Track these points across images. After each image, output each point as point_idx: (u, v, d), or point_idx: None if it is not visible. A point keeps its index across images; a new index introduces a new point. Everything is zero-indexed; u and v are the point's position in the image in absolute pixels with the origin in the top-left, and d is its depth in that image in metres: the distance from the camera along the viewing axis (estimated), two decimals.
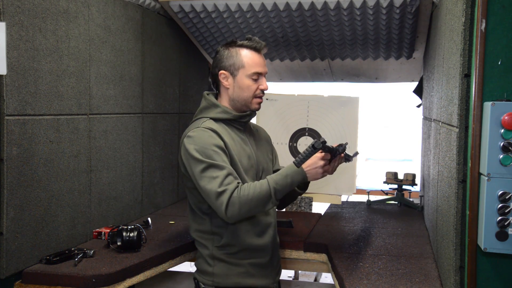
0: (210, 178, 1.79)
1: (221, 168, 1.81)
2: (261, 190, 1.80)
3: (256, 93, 1.97)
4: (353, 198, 4.05)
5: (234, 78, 1.96)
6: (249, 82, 1.95)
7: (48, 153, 2.20)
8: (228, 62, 1.96)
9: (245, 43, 1.97)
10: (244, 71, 1.95)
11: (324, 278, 4.57)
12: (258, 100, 2.00)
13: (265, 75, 2.02)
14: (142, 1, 2.93)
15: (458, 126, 1.71)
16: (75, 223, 2.40)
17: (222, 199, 1.77)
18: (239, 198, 1.77)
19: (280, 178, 1.84)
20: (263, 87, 1.98)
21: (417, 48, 3.36)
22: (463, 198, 1.70)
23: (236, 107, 1.99)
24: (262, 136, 2.19)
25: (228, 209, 1.77)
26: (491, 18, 1.59)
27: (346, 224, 2.95)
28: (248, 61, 1.95)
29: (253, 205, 1.80)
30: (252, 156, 2.01)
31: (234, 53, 1.96)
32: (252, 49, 1.97)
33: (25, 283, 2.06)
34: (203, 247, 1.99)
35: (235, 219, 1.82)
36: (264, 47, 1.99)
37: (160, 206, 3.27)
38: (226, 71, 1.97)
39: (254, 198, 1.79)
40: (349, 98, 3.40)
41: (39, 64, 2.14)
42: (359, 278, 2.04)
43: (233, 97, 1.98)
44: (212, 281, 1.96)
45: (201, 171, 1.81)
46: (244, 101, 1.97)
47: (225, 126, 1.97)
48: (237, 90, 1.96)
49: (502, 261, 1.64)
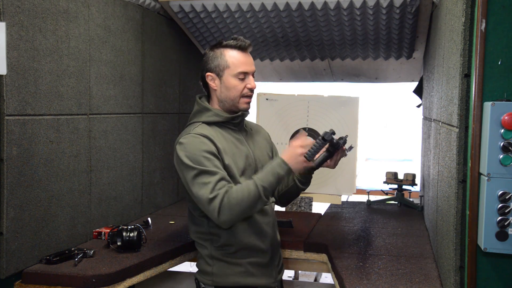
0: (202, 184, 1.80)
1: (212, 174, 1.81)
2: (249, 191, 1.80)
3: (243, 92, 1.97)
4: (353, 198, 4.05)
5: (221, 79, 1.96)
6: (235, 82, 1.95)
7: (48, 153, 2.20)
8: (213, 63, 1.96)
9: (229, 43, 1.97)
10: (230, 71, 1.95)
11: (324, 278, 4.57)
12: (246, 99, 1.99)
13: (253, 74, 2.01)
14: (142, 1, 2.93)
15: (458, 126, 1.71)
16: (75, 223, 2.40)
17: (214, 205, 1.78)
18: (229, 203, 1.78)
19: (265, 175, 1.83)
20: (251, 86, 1.97)
21: (417, 48, 3.36)
22: (463, 198, 1.70)
23: (226, 108, 2.00)
24: (259, 133, 2.18)
25: (220, 215, 1.78)
26: (491, 18, 1.59)
27: (346, 224, 2.95)
28: (233, 61, 1.95)
29: (244, 207, 1.80)
30: (250, 155, 2.01)
31: (219, 54, 1.96)
32: (237, 48, 1.96)
33: (25, 283, 2.06)
34: (202, 247, 2.00)
35: (228, 223, 1.83)
36: (249, 45, 1.99)
37: (160, 206, 3.27)
38: (212, 73, 1.97)
39: (243, 200, 1.79)
40: (349, 98, 3.40)
41: (39, 64, 2.14)
42: (359, 278, 2.04)
43: (221, 98, 1.98)
44: (211, 280, 1.97)
45: (193, 177, 1.82)
46: (232, 101, 1.97)
47: (218, 129, 1.97)
48: (224, 91, 1.96)
49: (502, 261, 1.64)
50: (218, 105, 2.00)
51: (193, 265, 4.00)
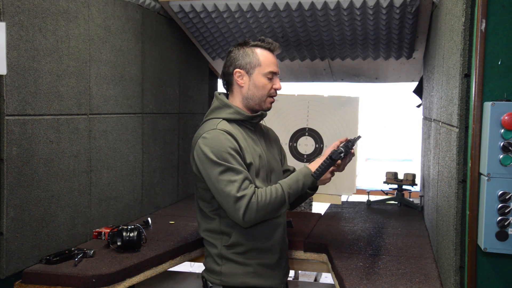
0: (228, 182, 1.80)
1: (238, 172, 1.82)
2: (276, 195, 1.85)
3: (270, 92, 2.00)
4: (353, 198, 4.05)
5: (250, 77, 1.97)
6: (265, 80, 1.97)
7: (48, 153, 2.20)
8: (244, 60, 1.97)
9: (259, 43, 1.99)
10: (260, 69, 1.97)
11: (324, 278, 4.57)
12: (271, 99, 2.03)
13: (278, 75, 2.05)
14: (142, 1, 2.93)
15: (458, 126, 1.71)
16: (75, 223, 2.40)
17: (241, 204, 1.78)
18: (257, 204, 1.80)
19: (293, 183, 1.90)
20: (277, 87, 2.01)
21: (417, 48, 3.36)
22: (463, 198, 1.70)
23: (249, 106, 2.00)
24: (271, 136, 2.20)
25: (246, 215, 1.79)
26: (491, 18, 1.59)
27: (346, 224, 2.95)
28: (264, 60, 1.97)
29: (269, 210, 1.84)
30: (263, 156, 2.01)
31: (250, 52, 1.98)
32: (267, 49, 1.99)
33: (25, 283, 2.06)
34: (211, 246, 1.99)
35: (250, 224, 1.84)
36: (278, 48, 2.02)
37: (160, 206, 3.27)
38: (242, 70, 1.97)
39: (270, 203, 1.83)
40: (349, 98, 3.40)
41: (39, 64, 2.14)
42: (359, 278, 2.04)
43: (247, 95, 1.98)
44: (220, 280, 1.96)
45: (219, 173, 1.81)
46: (259, 99, 1.99)
47: (237, 127, 1.97)
48: (252, 89, 1.98)
49: (502, 261, 1.64)
50: (241, 103, 2.00)
51: (193, 265, 4.01)
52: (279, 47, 2.03)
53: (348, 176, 3.32)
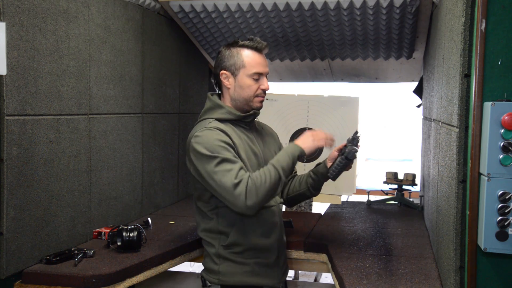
0: (225, 171, 1.79)
1: (233, 162, 1.82)
2: (270, 173, 1.83)
3: (257, 93, 1.99)
4: (353, 198, 4.05)
5: (235, 78, 1.97)
6: (250, 81, 1.96)
7: (48, 153, 2.20)
8: (229, 62, 1.97)
9: (246, 43, 1.98)
10: (245, 70, 1.96)
11: (324, 278, 4.57)
12: (260, 98, 2.01)
13: (267, 75, 2.03)
14: (142, 1, 2.93)
15: (458, 126, 1.71)
16: (75, 223, 2.40)
17: (240, 189, 1.77)
18: (255, 185, 1.78)
19: (281, 157, 1.91)
20: (264, 87, 1.99)
21: (417, 48, 3.36)
22: (463, 198, 1.70)
23: (238, 107, 2.00)
24: (268, 133, 2.21)
25: (248, 198, 1.77)
26: (491, 18, 1.59)
27: (346, 224, 2.95)
28: (249, 61, 1.96)
29: (268, 188, 1.81)
30: (260, 154, 2.02)
31: (235, 53, 1.97)
32: (254, 49, 1.97)
33: (25, 283, 2.06)
34: (209, 246, 1.99)
35: (254, 207, 1.80)
36: (266, 47, 2.00)
37: (160, 206, 3.27)
38: (227, 71, 1.97)
39: (267, 181, 1.81)
40: (349, 98, 3.40)
41: (39, 64, 2.14)
42: (359, 278, 2.04)
43: (234, 96, 1.99)
44: (218, 279, 1.97)
45: (215, 166, 1.81)
46: (245, 100, 1.98)
47: (231, 126, 1.97)
48: (238, 90, 1.97)
49: (502, 261, 1.64)
50: (230, 103, 2.01)
51: (193, 265, 4.02)
52: (267, 46, 2.01)
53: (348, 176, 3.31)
